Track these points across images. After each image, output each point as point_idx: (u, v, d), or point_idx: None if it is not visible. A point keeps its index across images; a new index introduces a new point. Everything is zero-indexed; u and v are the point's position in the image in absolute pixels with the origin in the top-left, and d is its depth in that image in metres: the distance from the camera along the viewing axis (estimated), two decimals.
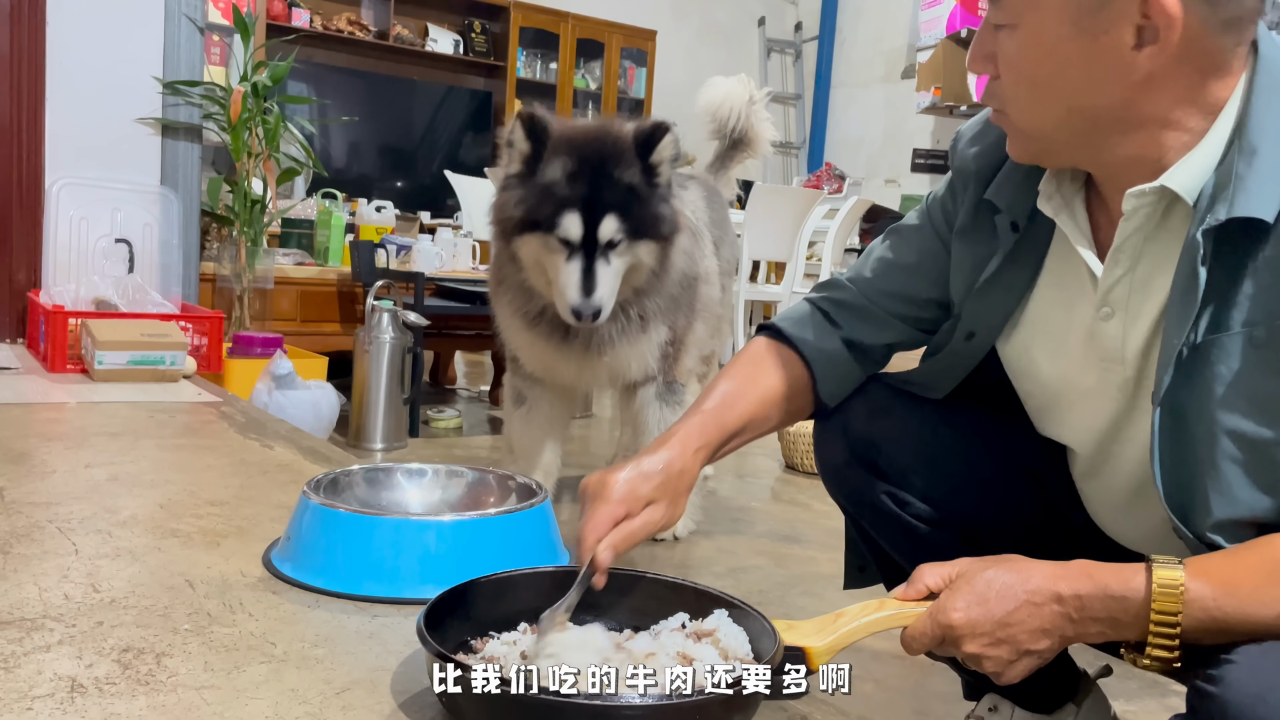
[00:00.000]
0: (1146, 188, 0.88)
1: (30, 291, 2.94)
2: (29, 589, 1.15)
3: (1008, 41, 0.89)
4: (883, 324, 1.17)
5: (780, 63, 8.46)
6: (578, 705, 0.82)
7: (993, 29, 0.91)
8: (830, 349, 1.16)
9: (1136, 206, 0.90)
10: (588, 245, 1.69)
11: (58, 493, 1.55)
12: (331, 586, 1.20)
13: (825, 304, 1.19)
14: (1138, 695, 1.55)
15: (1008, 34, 0.89)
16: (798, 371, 1.16)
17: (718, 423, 1.10)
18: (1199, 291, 0.84)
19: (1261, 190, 0.83)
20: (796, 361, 1.16)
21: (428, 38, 6.73)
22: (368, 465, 1.44)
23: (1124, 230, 0.91)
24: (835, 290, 1.20)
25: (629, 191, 1.70)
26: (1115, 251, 0.92)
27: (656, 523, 1.02)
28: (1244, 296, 0.85)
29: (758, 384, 1.14)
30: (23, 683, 0.93)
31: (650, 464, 1.03)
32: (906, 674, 1.62)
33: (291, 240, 3.88)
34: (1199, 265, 0.84)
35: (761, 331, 1.20)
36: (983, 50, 0.92)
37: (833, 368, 1.16)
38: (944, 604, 0.88)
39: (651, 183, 1.70)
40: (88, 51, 3.00)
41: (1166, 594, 0.80)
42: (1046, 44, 0.86)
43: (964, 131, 1.14)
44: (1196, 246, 0.84)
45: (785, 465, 3.01)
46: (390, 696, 0.95)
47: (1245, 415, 0.85)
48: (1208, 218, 0.84)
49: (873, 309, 1.17)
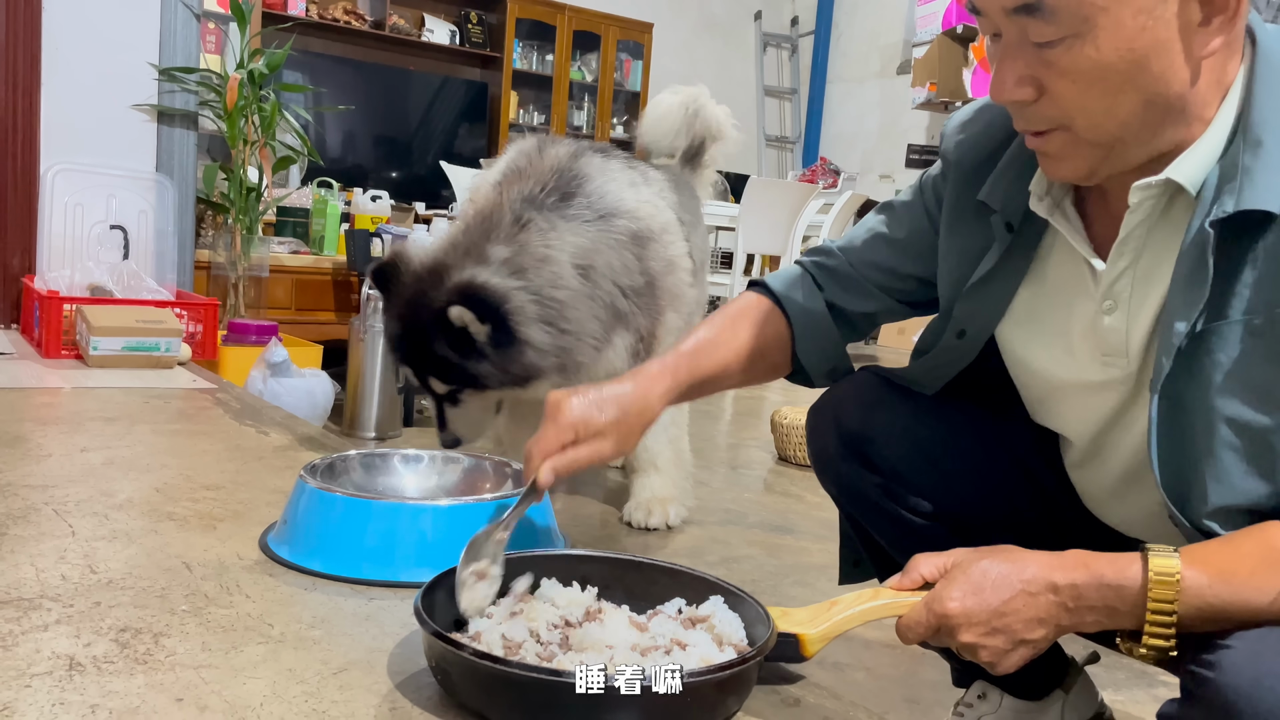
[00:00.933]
0: (1153, 180, 0.88)
1: (25, 277, 2.94)
2: (26, 569, 1.16)
3: (1067, 54, 0.84)
4: (866, 293, 1.20)
5: (776, 57, 8.47)
6: (572, 684, 0.83)
7: (1033, 50, 0.85)
8: (813, 309, 1.20)
9: (1142, 199, 0.90)
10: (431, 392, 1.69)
11: (54, 476, 1.55)
12: (328, 569, 1.20)
13: (813, 268, 1.23)
14: (1126, 685, 1.56)
15: (1066, 47, 0.84)
16: (779, 328, 1.20)
17: (690, 366, 1.13)
18: (1207, 281, 0.85)
19: (1268, 182, 0.83)
20: (780, 318, 1.20)
21: (424, 28, 6.72)
22: (364, 450, 1.44)
23: (1129, 223, 0.91)
24: (825, 256, 1.23)
25: (442, 361, 1.61)
26: (1119, 245, 0.93)
27: (604, 453, 1.04)
28: (1244, 285, 0.85)
29: (737, 334, 1.18)
30: (21, 660, 0.93)
31: (610, 394, 1.07)
32: (897, 662, 1.63)
33: (287, 229, 3.87)
34: (1208, 255, 0.84)
35: (751, 287, 1.24)
36: (1016, 74, 0.87)
37: (813, 328, 1.20)
38: (940, 594, 0.89)
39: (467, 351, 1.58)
40: (83, 38, 2.99)
41: (1162, 582, 0.81)
42: (1126, 37, 0.82)
43: (954, 119, 1.15)
44: (1205, 237, 0.85)
45: (778, 457, 3.02)
46: (387, 676, 0.96)
47: (1244, 403, 0.85)
48: (1214, 209, 0.85)
49: (857, 278, 1.20)
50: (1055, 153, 0.91)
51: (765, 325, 1.19)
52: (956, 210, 1.10)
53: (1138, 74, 0.83)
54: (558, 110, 7.16)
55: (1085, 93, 0.85)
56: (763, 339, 1.19)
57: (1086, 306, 0.98)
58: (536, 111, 7.27)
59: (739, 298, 1.23)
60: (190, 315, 2.82)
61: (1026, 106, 0.89)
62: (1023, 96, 0.87)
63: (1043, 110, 0.88)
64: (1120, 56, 0.82)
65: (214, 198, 3.29)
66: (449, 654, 0.87)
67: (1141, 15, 0.81)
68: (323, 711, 0.88)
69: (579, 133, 7.33)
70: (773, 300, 1.21)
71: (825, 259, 1.23)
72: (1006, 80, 0.88)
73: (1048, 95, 0.87)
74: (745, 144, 8.35)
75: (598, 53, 7.37)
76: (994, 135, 1.07)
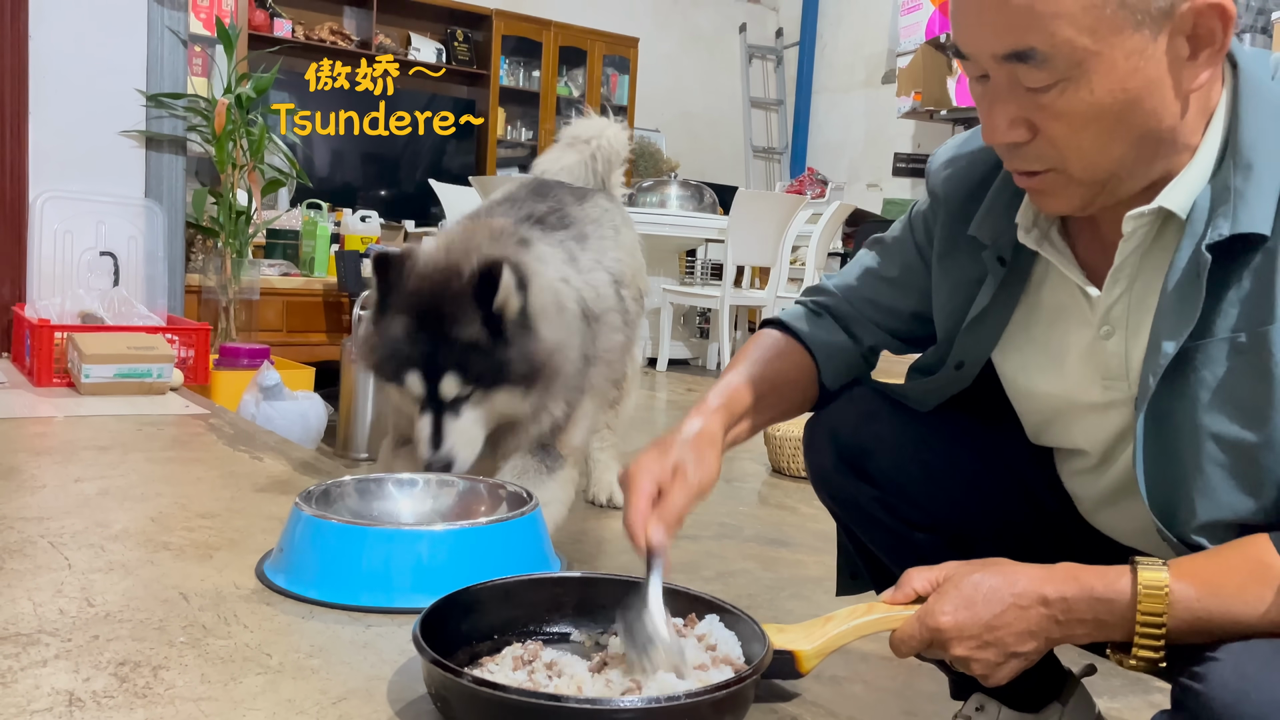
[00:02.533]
0: (1145, 209, 0.90)
1: (15, 305, 2.93)
2: (23, 604, 1.16)
3: (1060, 97, 0.84)
4: (867, 330, 1.22)
5: (762, 69, 8.51)
6: (571, 709, 0.83)
7: (1025, 93, 0.85)
8: (832, 340, 1.22)
9: (1135, 228, 0.91)
10: (434, 401, 1.58)
11: (48, 507, 1.55)
12: (325, 597, 1.20)
13: (814, 306, 1.25)
14: (1121, 692, 1.57)
15: (1059, 90, 0.84)
16: (803, 360, 1.21)
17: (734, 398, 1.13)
18: (1199, 302, 0.86)
19: (1260, 205, 0.85)
20: (800, 350, 1.21)
21: (410, 46, 6.74)
22: (359, 476, 1.44)
23: (1124, 250, 0.93)
24: (822, 295, 1.25)
25: (468, 348, 1.54)
26: (1114, 272, 0.94)
27: (694, 485, 1.01)
28: (1229, 304, 0.87)
29: (767, 367, 1.19)
30: (20, 697, 0.93)
31: (667, 437, 1.05)
32: (894, 674, 1.64)
33: (277, 251, 3.88)
34: (1202, 278, 0.86)
35: (765, 325, 1.26)
36: (1008, 117, 0.87)
37: (833, 357, 1.22)
38: (932, 608, 0.90)
39: (496, 331, 1.54)
40: (70, 64, 3.00)
41: (1151, 595, 0.82)
42: (1119, 78, 0.82)
43: (939, 154, 1.16)
44: (1200, 259, 0.86)
45: (772, 469, 3.03)
46: (387, 704, 0.96)
47: (1230, 419, 0.87)
48: (1209, 232, 0.86)
49: (857, 316, 1.22)
50: (1049, 190, 0.91)
51: (790, 358, 1.21)
52: (948, 245, 1.11)
53: (1131, 112, 0.84)
54: (545, 126, 7.18)
55: (1079, 133, 0.86)
56: (794, 371, 1.20)
57: (1083, 332, 0.99)
58: (524, 127, 7.29)
59: (758, 335, 1.24)
60: (182, 340, 2.83)
61: (1020, 148, 0.89)
62: (1016, 138, 0.88)
63: (1037, 151, 0.89)
64: (1114, 98, 0.83)
65: (203, 222, 3.29)
66: (448, 681, 0.87)
67: (1133, 56, 0.82)
68: None
69: None
70: (789, 335, 1.22)
71: (823, 298, 1.24)
72: (999, 124, 0.88)
73: (1041, 136, 0.87)
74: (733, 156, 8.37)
75: (584, 68, 7.40)
76: (979, 169, 1.08)
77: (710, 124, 8.17)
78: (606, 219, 2.04)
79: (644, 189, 5.61)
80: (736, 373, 1.17)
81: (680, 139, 7.91)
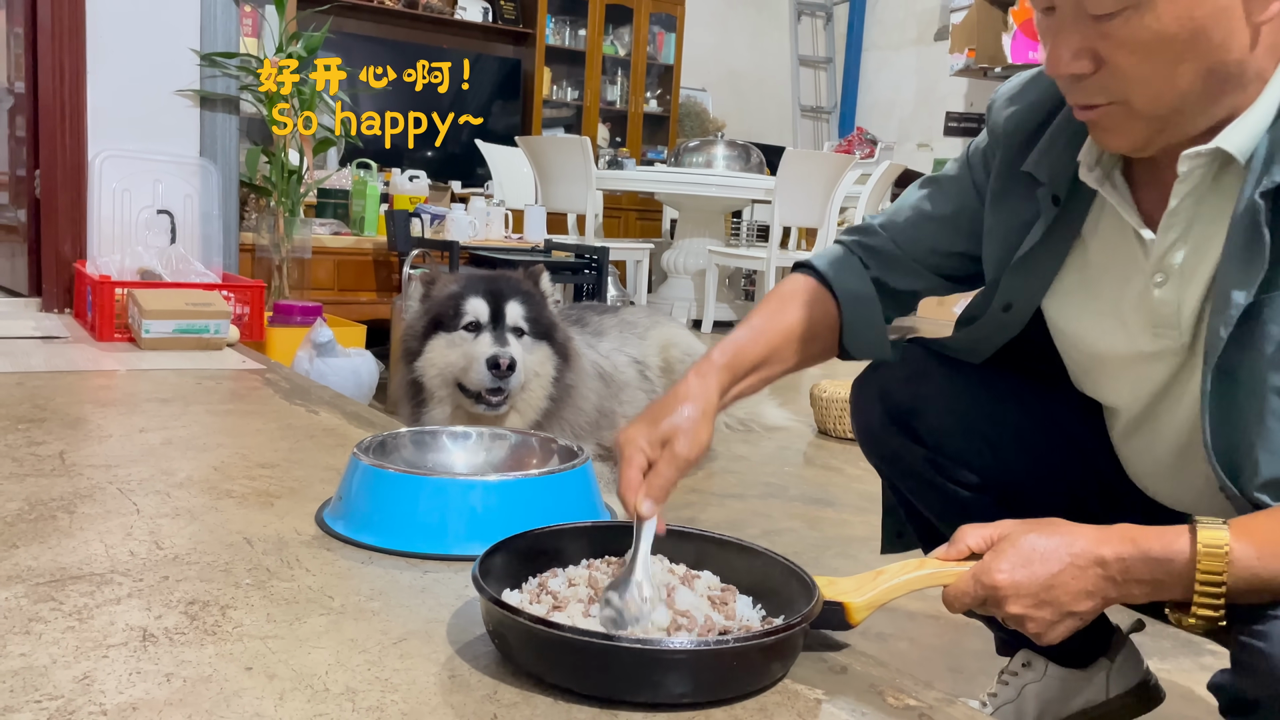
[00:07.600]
0: (1202, 149, 0.88)
1: (76, 262, 3.01)
2: (95, 545, 1.21)
3: (1125, 25, 0.83)
4: (911, 271, 1.19)
5: (811, 26, 8.36)
6: (623, 648, 0.85)
7: (1090, 22, 0.84)
8: (861, 291, 1.17)
9: (1191, 168, 0.89)
10: (496, 325, 1.89)
11: (115, 456, 1.60)
12: (383, 544, 1.24)
13: (856, 247, 1.21)
14: (1172, 654, 1.56)
15: (1125, 18, 0.83)
16: (827, 309, 1.17)
17: (743, 351, 1.11)
18: (1265, 252, 0.84)
19: None
20: (828, 299, 1.17)
21: (457, 6, 6.72)
22: (415, 428, 1.48)
23: (1178, 192, 0.91)
24: (868, 235, 1.21)
25: (527, 294, 1.94)
26: (1169, 215, 0.92)
27: (683, 455, 1.00)
28: None
29: (786, 318, 1.15)
30: (97, 632, 0.98)
31: (664, 401, 1.05)
32: (941, 632, 1.65)
33: (327, 210, 3.92)
34: (1262, 226, 0.84)
35: (798, 268, 1.22)
36: (1072, 47, 0.86)
37: (860, 309, 1.17)
38: (988, 565, 0.90)
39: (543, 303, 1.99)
40: (126, 25, 3.04)
41: (1211, 554, 0.81)
42: (1186, 6, 0.81)
43: (1002, 91, 1.14)
44: (1257, 208, 0.84)
45: (818, 430, 3.03)
46: (446, 644, 0.99)
47: None
48: (1264, 179, 0.84)
49: (902, 256, 1.18)
50: (1111, 125, 0.90)
51: (814, 307, 1.16)
52: (1003, 182, 1.09)
53: (1198, 42, 0.82)
54: (591, 86, 7.14)
55: (1145, 64, 0.84)
56: (812, 322, 1.16)
57: (1136, 278, 0.97)
58: (570, 87, 7.26)
59: (787, 280, 1.20)
60: (237, 297, 2.88)
61: (1083, 80, 0.88)
62: (1080, 70, 0.87)
63: (1101, 83, 0.87)
64: (1180, 25, 0.81)
65: (256, 181, 3.34)
66: (506, 619, 0.90)
67: None
68: (385, 679, 0.91)
69: (612, 107, 7.30)
70: (820, 281, 1.18)
71: (868, 238, 1.21)
72: (1063, 54, 0.87)
73: (1106, 68, 0.86)
74: (780, 115, 8.23)
75: (630, 26, 7.33)
76: (1044, 106, 1.06)
77: (758, 83, 8.06)
78: (632, 321, 2.58)
79: (690, 149, 5.57)
80: (750, 325, 1.14)
81: (727, 98, 7.82)
